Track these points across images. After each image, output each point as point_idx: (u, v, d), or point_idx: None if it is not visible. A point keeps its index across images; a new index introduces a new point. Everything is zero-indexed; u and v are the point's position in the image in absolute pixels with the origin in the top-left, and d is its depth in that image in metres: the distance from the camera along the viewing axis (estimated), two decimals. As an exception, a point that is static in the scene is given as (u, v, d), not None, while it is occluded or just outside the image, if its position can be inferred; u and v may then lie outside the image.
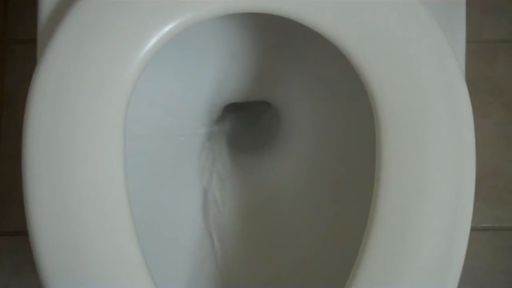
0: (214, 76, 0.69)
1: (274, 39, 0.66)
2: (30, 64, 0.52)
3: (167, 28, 0.51)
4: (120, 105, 0.50)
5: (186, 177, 0.69)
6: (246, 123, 0.75)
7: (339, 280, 0.51)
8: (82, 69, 0.50)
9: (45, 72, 0.50)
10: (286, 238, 0.67)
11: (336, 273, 0.55)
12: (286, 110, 0.71)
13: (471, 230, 0.49)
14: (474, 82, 0.87)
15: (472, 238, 0.49)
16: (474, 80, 0.87)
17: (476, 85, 0.87)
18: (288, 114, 0.71)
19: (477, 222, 0.86)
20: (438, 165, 0.49)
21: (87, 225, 0.49)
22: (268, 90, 0.71)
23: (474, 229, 0.86)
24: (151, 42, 0.51)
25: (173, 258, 0.65)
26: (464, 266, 0.49)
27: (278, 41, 0.66)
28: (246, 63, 0.68)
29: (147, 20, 0.51)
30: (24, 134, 0.50)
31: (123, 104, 0.50)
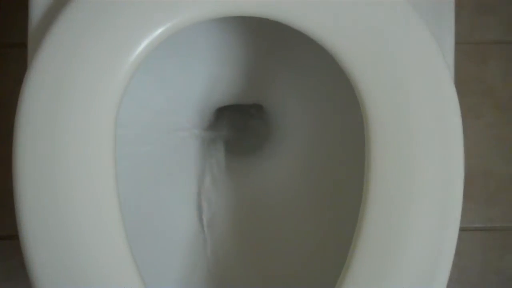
0: (205, 78, 0.69)
1: (266, 42, 0.66)
2: (24, 68, 0.52)
3: (158, 31, 0.51)
4: (111, 108, 0.50)
5: (180, 179, 0.69)
6: (238, 126, 0.75)
7: (331, 283, 0.51)
8: (73, 72, 0.50)
9: (35, 75, 0.50)
10: (279, 240, 0.67)
11: (327, 276, 0.55)
12: (278, 112, 0.71)
13: (463, 230, 0.49)
14: (465, 83, 0.87)
15: (463, 238, 0.49)
16: (465, 81, 0.87)
17: (467, 86, 0.87)
18: (280, 116, 0.71)
19: (468, 222, 0.86)
20: (427, 165, 0.49)
21: (77, 227, 0.49)
22: (259, 92, 0.71)
23: (466, 229, 0.86)
24: (142, 45, 0.51)
25: (165, 259, 0.65)
26: (456, 266, 0.49)
27: (269, 43, 0.66)
28: (237, 66, 0.68)
29: (138, 23, 0.51)
30: (15, 137, 0.50)
31: (114, 107, 0.51)
